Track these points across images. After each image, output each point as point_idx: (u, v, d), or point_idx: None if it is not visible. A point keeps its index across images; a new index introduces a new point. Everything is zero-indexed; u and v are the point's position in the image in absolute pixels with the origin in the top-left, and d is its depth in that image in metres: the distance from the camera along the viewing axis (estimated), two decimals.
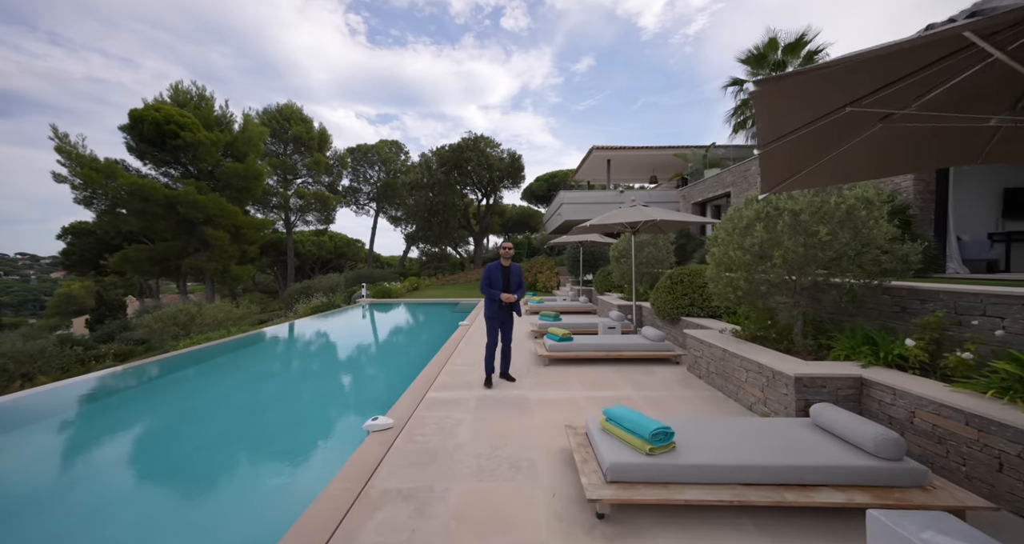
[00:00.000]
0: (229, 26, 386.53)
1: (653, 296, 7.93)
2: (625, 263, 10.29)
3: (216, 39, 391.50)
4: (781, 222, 4.05)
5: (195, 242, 22.11)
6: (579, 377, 5.56)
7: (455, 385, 5.27)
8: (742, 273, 4.36)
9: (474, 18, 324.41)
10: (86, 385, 6.90)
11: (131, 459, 4.45)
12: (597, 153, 22.04)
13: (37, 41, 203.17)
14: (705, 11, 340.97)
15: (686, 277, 7.32)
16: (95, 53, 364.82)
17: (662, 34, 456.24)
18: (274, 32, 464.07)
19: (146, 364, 8.31)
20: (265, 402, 6.12)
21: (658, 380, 5.37)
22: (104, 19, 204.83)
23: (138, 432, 5.23)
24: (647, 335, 6.48)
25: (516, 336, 8.50)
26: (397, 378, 6.78)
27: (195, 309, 16.25)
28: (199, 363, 8.58)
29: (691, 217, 7.17)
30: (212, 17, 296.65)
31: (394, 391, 5.29)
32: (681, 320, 7.25)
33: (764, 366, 3.92)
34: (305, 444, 4.62)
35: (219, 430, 5.08)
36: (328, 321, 14.46)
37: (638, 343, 6.30)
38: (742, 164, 12.27)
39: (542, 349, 6.48)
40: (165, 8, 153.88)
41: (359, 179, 37.71)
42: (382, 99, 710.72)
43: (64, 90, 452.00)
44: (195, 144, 20.38)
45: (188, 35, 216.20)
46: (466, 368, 6.09)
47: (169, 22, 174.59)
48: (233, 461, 4.32)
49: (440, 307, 17.63)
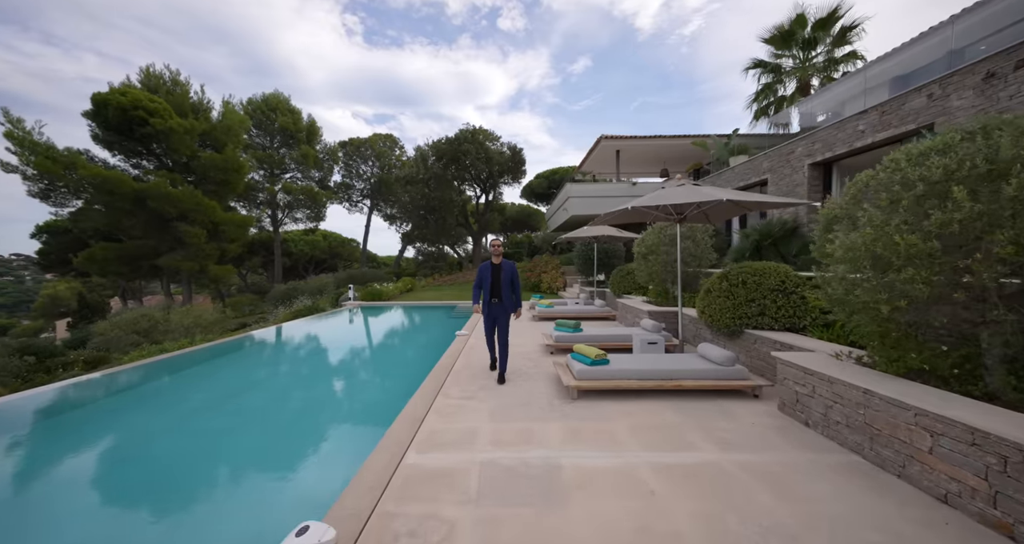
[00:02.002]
0: (224, 26, 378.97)
1: (701, 301, 6.23)
2: (654, 260, 8.60)
3: (211, 39, 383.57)
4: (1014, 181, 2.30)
5: (169, 240, 20.29)
6: (628, 421, 3.85)
7: (449, 440, 3.55)
8: (919, 272, 2.63)
9: (471, 19, 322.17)
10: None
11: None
12: (606, 143, 20.36)
13: (30, 41, 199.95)
14: (701, 11, 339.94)
15: (750, 277, 5.63)
16: (89, 52, 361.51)
17: (658, 35, 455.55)
18: (270, 32, 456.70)
19: (70, 385, 6.57)
20: (170, 456, 4.39)
21: (746, 430, 3.66)
22: (98, 18, 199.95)
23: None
24: (709, 355, 4.77)
25: (528, 352, 6.80)
26: (369, 419, 5.07)
27: (160, 314, 14.49)
28: (130, 389, 6.84)
29: (771, 197, 5.47)
30: (207, 17, 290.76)
31: (360, 446, 3.60)
32: (744, 333, 5.56)
33: (993, 436, 2.22)
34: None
35: (86, 496, 3.35)
36: (304, 328, 12.71)
37: (699, 368, 4.59)
38: (785, 146, 10.59)
39: (568, 375, 4.77)
40: (159, 8, 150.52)
41: (352, 175, 35.89)
42: (379, 99, 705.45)
43: (58, 88, 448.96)
44: (166, 132, 18.55)
45: (183, 35, 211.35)
46: (464, 405, 4.37)
47: (163, 22, 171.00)
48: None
49: (435, 311, 15.90)
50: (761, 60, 17.71)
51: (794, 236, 10.06)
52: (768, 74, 17.81)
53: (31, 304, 54.35)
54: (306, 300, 18.94)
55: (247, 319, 21.97)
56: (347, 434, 4.82)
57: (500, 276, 5.14)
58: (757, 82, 18.00)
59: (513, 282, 5.22)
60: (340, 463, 3.83)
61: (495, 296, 5.17)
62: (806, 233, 9.95)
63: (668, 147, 20.86)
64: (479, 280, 5.20)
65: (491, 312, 5.20)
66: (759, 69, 17.99)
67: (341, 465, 3.67)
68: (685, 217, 5.93)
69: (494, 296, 5.17)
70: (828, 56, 16.32)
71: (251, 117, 28.44)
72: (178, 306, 21.20)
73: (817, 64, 16.53)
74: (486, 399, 4.56)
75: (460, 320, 11.85)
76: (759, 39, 17.63)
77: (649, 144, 20.43)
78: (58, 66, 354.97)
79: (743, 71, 18.29)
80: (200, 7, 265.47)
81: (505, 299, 5.19)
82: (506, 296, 5.19)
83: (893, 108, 7.43)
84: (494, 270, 5.15)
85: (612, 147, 20.72)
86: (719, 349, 4.78)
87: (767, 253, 10.08)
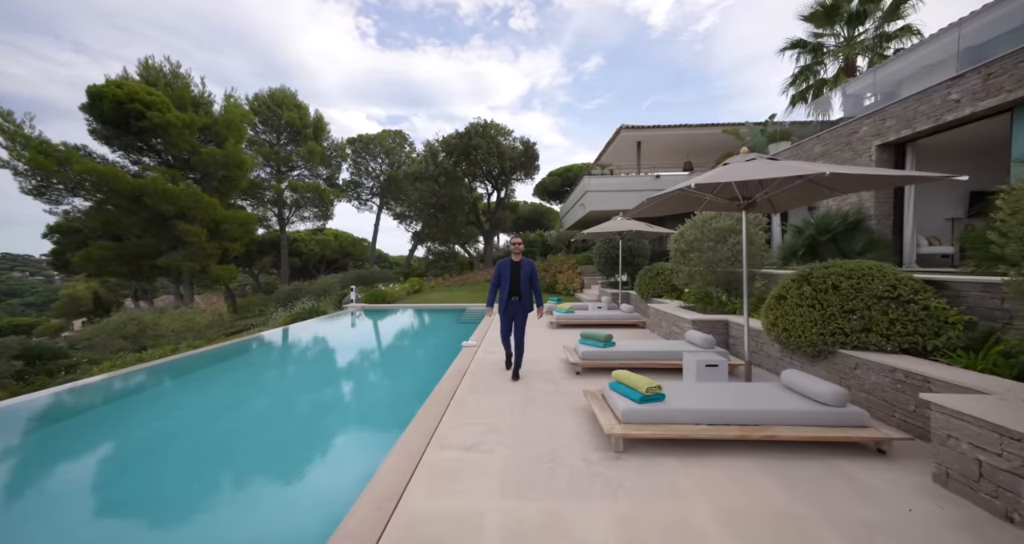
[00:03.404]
0: (240, 31, 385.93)
1: (771, 311, 4.87)
2: (696, 259, 7.24)
3: (228, 43, 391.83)
4: None
5: (169, 239, 19.50)
6: (709, 501, 2.54)
7: (438, 539, 2.29)
8: None
9: (482, 19, 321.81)
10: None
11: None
12: (626, 133, 18.93)
13: (64, 50, 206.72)
14: (715, 7, 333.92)
15: (844, 280, 4.27)
16: (114, 60, 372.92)
17: (671, 32, 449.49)
18: (285, 36, 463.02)
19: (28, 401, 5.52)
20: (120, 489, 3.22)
21: (903, 523, 2.32)
22: (123, 27, 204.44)
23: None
24: (808, 390, 3.42)
25: (548, 370, 5.50)
26: (347, 466, 3.83)
27: (150, 317, 13.59)
28: (98, 407, 5.76)
29: (896, 171, 4.12)
30: (224, 22, 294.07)
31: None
32: (837, 354, 4.20)
33: None
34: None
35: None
36: (298, 335, 11.62)
37: (797, 409, 3.25)
38: (844, 125, 9.10)
39: (607, 415, 3.47)
40: (178, 15, 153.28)
41: (360, 172, 34.96)
42: (392, 101, 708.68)
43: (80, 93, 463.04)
44: (164, 126, 17.71)
45: (200, 40, 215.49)
46: (465, 462, 3.12)
47: (183, 28, 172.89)
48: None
49: (442, 315, 14.69)
50: (800, 39, 16.10)
51: (858, 230, 8.61)
52: (808, 54, 16.19)
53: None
54: (309, 302, 17.94)
55: (250, 321, 21.13)
56: (314, 499, 3.59)
57: (519, 274, 5.12)
58: (795, 62, 16.38)
59: (532, 280, 5.18)
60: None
61: (514, 294, 5.15)
62: (872, 226, 8.48)
63: (693, 138, 19.38)
64: (496, 278, 5.22)
65: (509, 309, 5.17)
66: (797, 50, 16.38)
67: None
68: (754, 202, 4.57)
69: (513, 294, 5.16)
70: (878, 32, 14.66)
71: (257, 113, 27.67)
72: (190, 306, 20.45)
73: (865, 42, 14.87)
74: (496, 448, 3.30)
75: (469, 326, 10.61)
76: (797, 17, 16.05)
77: (672, 134, 18.97)
78: (88, 73, 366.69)
79: (778, 52, 16.71)
80: (217, 13, 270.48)
81: (524, 297, 5.17)
82: (525, 294, 5.17)
83: (1007, 67, 5.94)
84: (514, 267, 5.14)
85: (632, 138, 19.31)
86: (821, 381, 3.42)
87: (823, 251, 8.62)
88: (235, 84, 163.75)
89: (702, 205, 5.61)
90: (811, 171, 3.52)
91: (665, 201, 4.98)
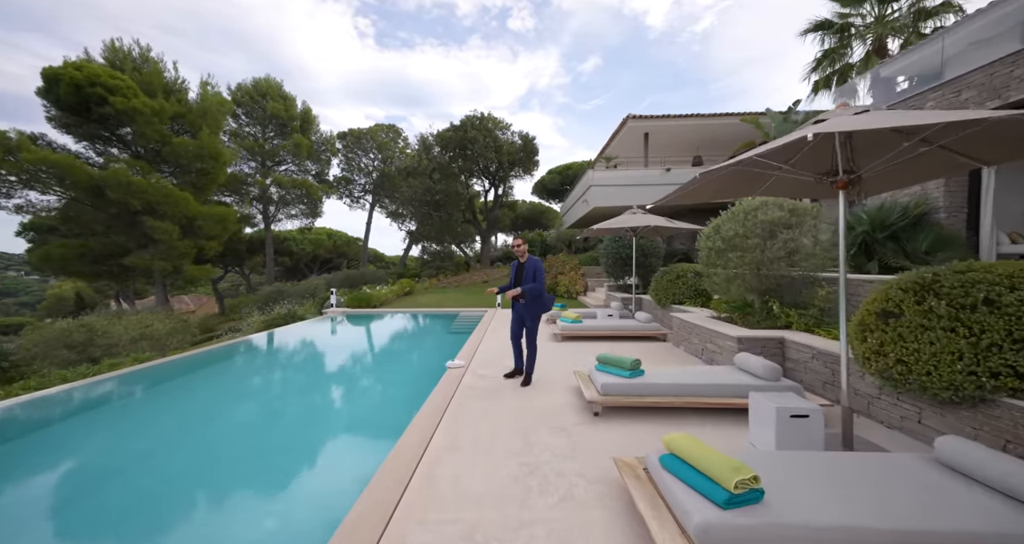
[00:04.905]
0: (241, 32, 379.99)
1: (869, 334, 3.44)
2: (739, 259, 5.82)
3: (226, 43, 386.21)
4: None
5: (138, 236, 17.98)
6: None
7: None
8: None
9: (481, 19, 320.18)
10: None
11: None
12: (632, 123, 17.53)
13: (65, 49, 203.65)
14: (713, 8, 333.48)
15: (1005, 291, 2.84)
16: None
17: (669, 33, 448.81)
18: (284, 36, 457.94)
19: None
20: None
21: None
22: (122, 29, 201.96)
23: None
24: (989, 477, 1.99)
25: (556, 408, 4.02)
26: None
27: (102, 324, 12.09)
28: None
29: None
30: (226, 23, 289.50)
31: None
32: (996, 403, 2.78)
33: None
34: None
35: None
36: (260, 345, 10.15)
37: (989, 515, 1.82)
38: (902, 102, 7.69)
39: (672, 529, 2.04)
40: (177, 16, 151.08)
41: (352, 168, 33.44)
42: (390, 101, 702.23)
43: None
44: (130, 113, 16.18)
45: (199, 40, 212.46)
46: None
47: (182, 28, 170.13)
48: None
49: (432, 321, 13.23)
50: (826, 19, 14.72)
51: (921, 225, 7.23)
52: (833, 36, 14.81)
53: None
54: (290, 305, 16.45)
55: (227, 325, 19.62)
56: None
57: (523, 274, 5.09)
58: (820, 45, 14.98)
59: (536, 275, 5.03)
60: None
61: (520, 295, 5.04)
62: (941, 220, 7.10)
63: (705, 128, 18.01)
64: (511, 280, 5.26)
65: (516, 308, 5.16)
66: (820, 32, 15.01)
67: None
68: (859, 177, 3.14)
69: (518, 296, 5.07)
70: (914, 8, 13.30)
71: (240, 104, 26.13)
72: (162, 308, 19.00)
73: (899, 20, 13.51)
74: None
75: (460, 336, 9.16)
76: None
77: (683, 124, 17.59)
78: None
79: (800, 34, 15.31)
80: (216, 14, 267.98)
81: (528, 296, 5.00)
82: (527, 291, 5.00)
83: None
84: (519, 268, 5.17)
85: (640, 129, 17.92)
86: (1010, 460, 2.00)
87: (881, 250, 7.23)
88: (235, 84, 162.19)
89: (760, 188, 4.19)
90: (972, 117, 2.09)
91: (722, 177, 3.55)
